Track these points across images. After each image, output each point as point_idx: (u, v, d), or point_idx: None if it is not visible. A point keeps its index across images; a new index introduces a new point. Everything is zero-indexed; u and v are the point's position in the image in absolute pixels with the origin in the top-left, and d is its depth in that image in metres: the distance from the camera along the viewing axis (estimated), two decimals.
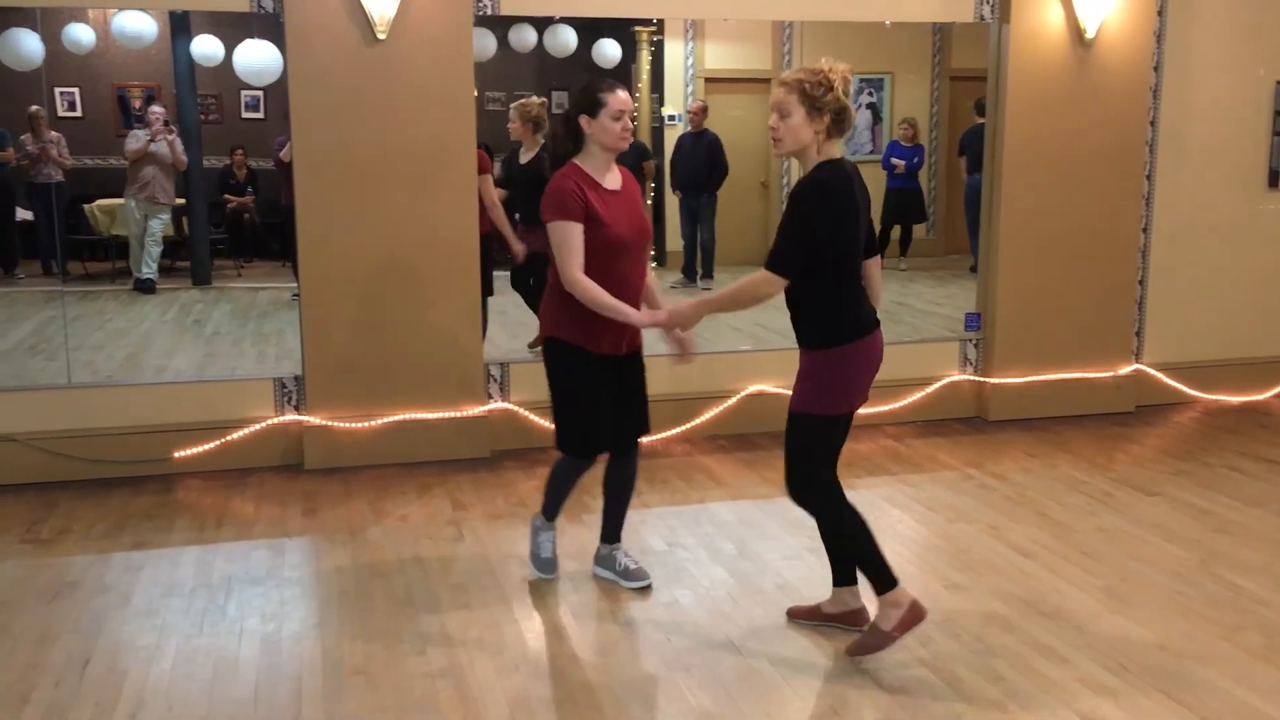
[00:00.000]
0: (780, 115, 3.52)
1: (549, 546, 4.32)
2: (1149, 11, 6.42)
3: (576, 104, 3.92)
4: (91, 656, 3.70)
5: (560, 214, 3.84)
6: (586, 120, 3.88)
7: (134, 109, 11.60)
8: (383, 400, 5.68)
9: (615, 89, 3.90)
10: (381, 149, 5.52)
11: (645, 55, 10.96)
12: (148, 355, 7.60)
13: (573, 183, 3.86)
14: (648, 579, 4.27)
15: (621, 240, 3.89)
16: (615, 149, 3.93)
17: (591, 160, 3.94)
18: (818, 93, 3.46)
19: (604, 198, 3.90)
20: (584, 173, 3.91)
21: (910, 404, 6.50)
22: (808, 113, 3.47)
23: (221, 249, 11.17)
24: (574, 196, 3.83)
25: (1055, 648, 3.73)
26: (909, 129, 10.86)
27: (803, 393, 3.62)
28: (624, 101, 3.89)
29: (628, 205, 3.97)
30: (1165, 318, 6.85)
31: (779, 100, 3.52)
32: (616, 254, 3.89)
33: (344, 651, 3.74)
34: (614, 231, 3.87)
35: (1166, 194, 6.73)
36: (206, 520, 5.00)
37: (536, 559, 4.32)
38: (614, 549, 4.34)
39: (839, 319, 3.57)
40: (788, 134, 3.52)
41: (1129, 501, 5.19)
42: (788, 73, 3.61)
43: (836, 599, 3.89)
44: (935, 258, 11.20)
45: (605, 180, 3.94)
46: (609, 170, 3.97)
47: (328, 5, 5.38)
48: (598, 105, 3.87)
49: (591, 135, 3.90)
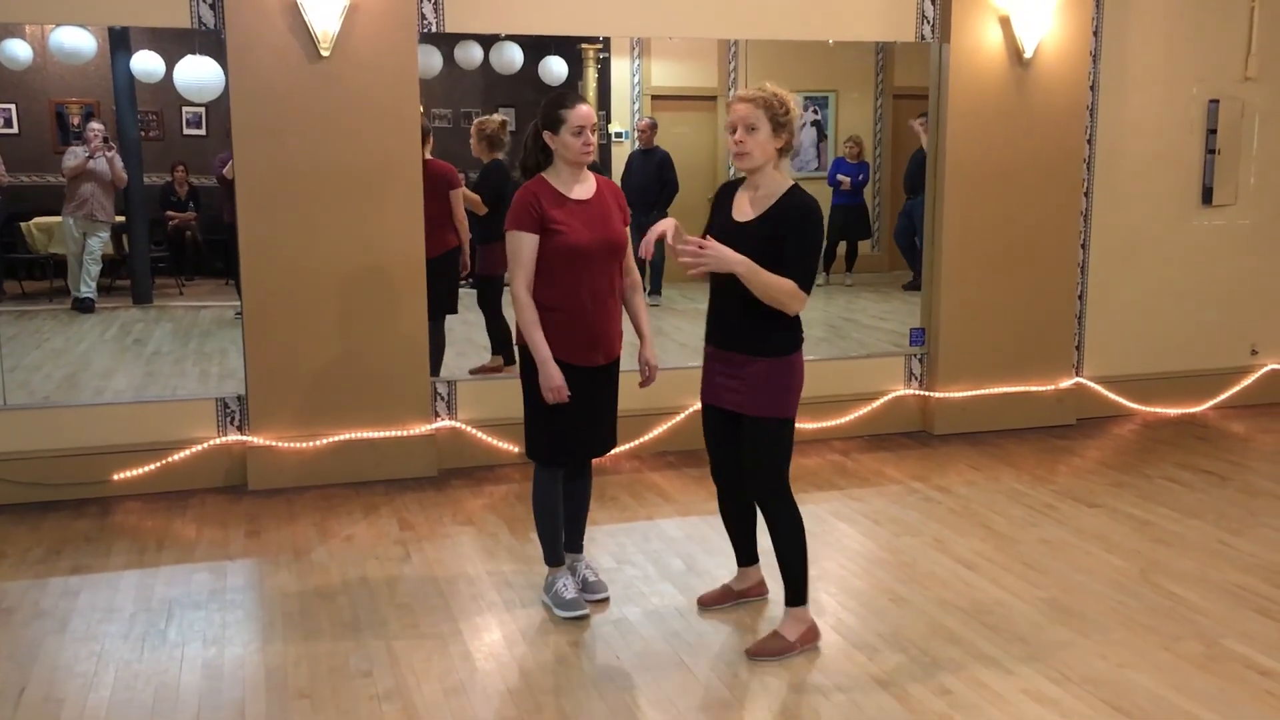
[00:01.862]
0: (747, 129, 3.62)
1: (570, 589, 4.18)
2: (1085, 32, 6.55)
3: (541, 119, 3.96)
4: (27, 684, 3.62)
5: (513, 224, 3.91)
6: (550, 136, 3.93)
7: (72, 126, 11.43)
8: (328, 419, 5.62)
9: (577, 104, 3.93)
10: (325, 166, 5.48)
11: (592, 73, 10.99)
12: (86, 375, 7.46)
13: (530, 194, 3.92)
14: (606, 591, 4.27)
15: (582, 249, 3.90)
16: (578, 163, 3.96)
17: (557, 173, 3.98)
18: (781, 112, 3.63)
19: (567, 207, 3.92)
20: (547, 184, 3.95)
21: (856, 418, 6.55)
22: (772, 129, 3.62)
23: (163, 267, 11.02)
24: (529, 208, 3.89)
25: (999, 659, 3.77)
26: (854, 146, 10.98)
27: (768, 398, 3.72)
28: (585, 116, 3.92)
29: (597, 214, 3.98)
30: (1104, 332, 6.97)
31: (745, 115, 3.62)
32: (579, 263, 3.90)
33: (288, 675, 3.68)
34: (571, 240, 3.88)
35: (1104, 210, 6.86)
36: (147, 543, 4.92)
37: (560, 602, 4.14)
38: (575, 559, 4.32)
39: (795, 327, 3.74)
40: (756, 148, 3.63)
41: (1070, 513, 5.27)
42: (748, 90, 3.69)
43: (743, 576, 4.20)
44: (880, 273, 11.32)
45: (572, 191, 3.97)
46: (578, 181, 4.00)
47: (270, 21, 5.34)
48: (559, 121, 3.91)
49: (555, 150, 3.95)
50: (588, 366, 3.99)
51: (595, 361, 4.00)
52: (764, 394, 3.71)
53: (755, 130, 3.62)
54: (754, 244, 3.61)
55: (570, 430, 4.02)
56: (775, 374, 3.70)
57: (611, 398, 4.15)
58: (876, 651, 3.83)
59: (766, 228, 3.63)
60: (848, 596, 4.32)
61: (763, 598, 4.24)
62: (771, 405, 3.72)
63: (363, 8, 5.42)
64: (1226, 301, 7.20)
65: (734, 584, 4.21)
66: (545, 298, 3.93)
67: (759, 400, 3.71)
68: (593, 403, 4.04)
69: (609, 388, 4.12)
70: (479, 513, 5.26)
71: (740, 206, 3.75)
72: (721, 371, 3.81)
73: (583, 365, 3.97)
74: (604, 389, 4.09)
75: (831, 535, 5.00)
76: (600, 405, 4.09)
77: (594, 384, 4.03)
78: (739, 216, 3.74)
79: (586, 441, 4.11)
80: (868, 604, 4.25)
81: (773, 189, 3.68)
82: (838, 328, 9.06)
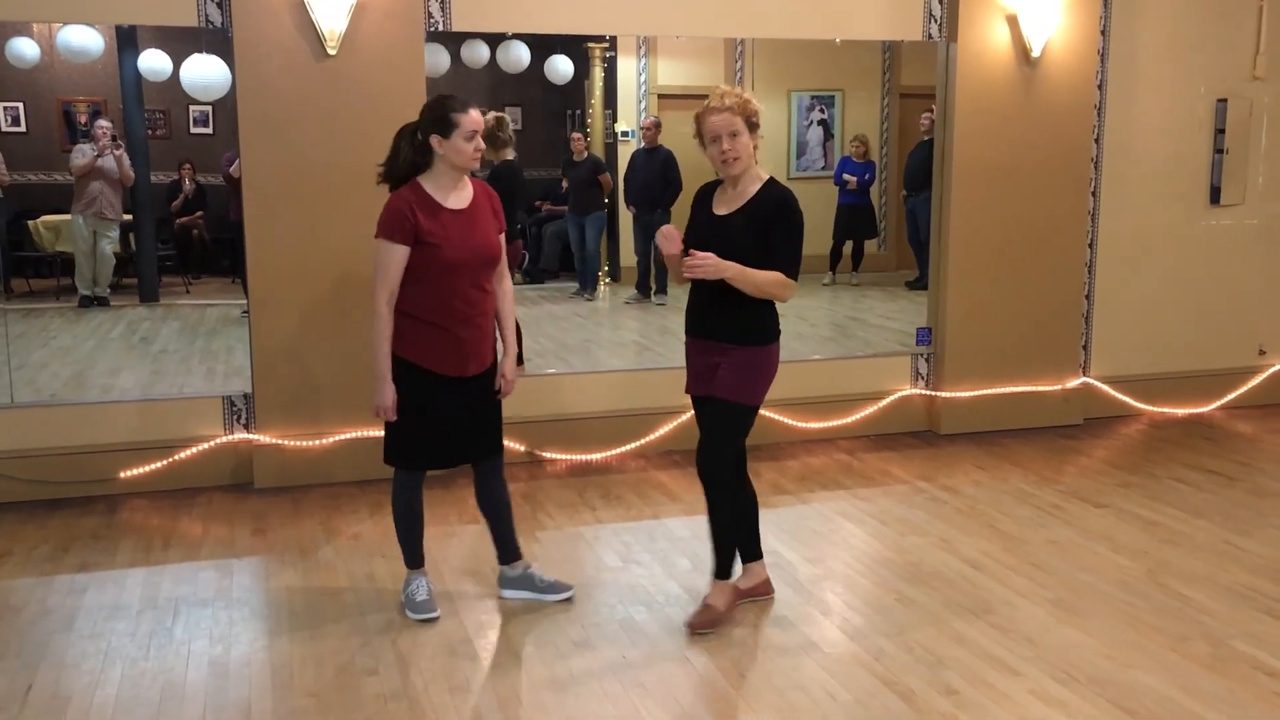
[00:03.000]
0: (732, 136, 3.75)
1: (423, 589, 4.15)
2: (1093, 31, 6.54)
3: (427, 123, 3.85)
4: (34, 682, 3.62)
5: (384, 234, 3.81)
6: (438, 140, 3.83)
7: (80, 124, 11.44)
8: (334, 418, 5.62)
9: (468, 108, 3.85)
10: (332, 165, 5.48)
11: (598, 71, 10.99)
12: (93, 374, 7.47)
13: (405, 204, 3.82)
14: (570, 589, 4.25)
15: (455, 261, 3.83)
16: (466, 169, 3.90)
17: (436, 179, 3.88)
18: (752, 113, 3.78)
19: (441, 218, 3.84)
20: (423, 192, 3.86)
21: (862, 418, 6.54)
22: (749, 131, 3.78)
23: (170, 265, 11.03)
24: (403, 218, 3.80)
25: (1006, 659, 3.76)
26: (860, 146, 10.98)
27: (739, 385, 3.84)
28: (477, 121, 3.85)
29: (471, 224, 3.90)
30: (1111, 332, 6.95)
31: (727, 122, 3.74)
32: (452, 273, 3.84)
33: (294, 673, 3.69)
34: (445, 252, 3.82)
35: (1111, 210, 6.85)
36: (153, 541, 4.92)
37: (412, 605, 4.11)
38: (527, 569, 4.27)
39: (774, 317, 3.91)
40: (743, 151, 3.77)
41: (1077, 513, 5.26)
42: (721, 99, 3.77)
43: (750, 572, 4.21)
44: (886, 273, 11.32)
45: (449, 200, 3.89)
46: (456, 189, 3.91)
47: (277, 20, 5.34)
48: (450, 125, 3.81)
49: (443, 155, 3.84)
50: (459, 376, 3.93)
51: (467, 371, 3.94)
52: (734, 378, 3.84)
53: (737, 136, 3.75)
54: (736, 236, 3.76)
55: (430, 437, 3.96)
56: (751, 362, 3.84)
57: (488, 404, 4.07)
58: (883, 651, 3.82)
59: (747, 220, 3.78)
60: (854, 596, 4.32)
61: (769, 597, 4.24)
62: (739, 391, 3.84)
63: (370, 6, 5.42)
64: (1234, 301, 7.18)
65: (740, 583, 4.22)
66: (416, 308, 3.86)
67: (728, 383, 3.84)
68: (465, 412, 3.98)
69: (484, 395, 4.03)
70: None
71: (720, 203, 3.89)
72: (703, 361, 3.93)
73: (454, 375, 3.92)
74: (478, 397, 4.01)
75: (838, 535, 4.99)
76: (475, 413, 4.02)
77: (466, 393, 3.96)
78: (719, 211, 3.87)
79: (449, 447, 4.03)
80: (874, 604, 4.25)
81: (750, 184, 3.84)
82: (844, 327, 9.06)
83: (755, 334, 3.86)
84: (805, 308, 9.46)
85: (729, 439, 3.93)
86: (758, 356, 3.86)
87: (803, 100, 11.56)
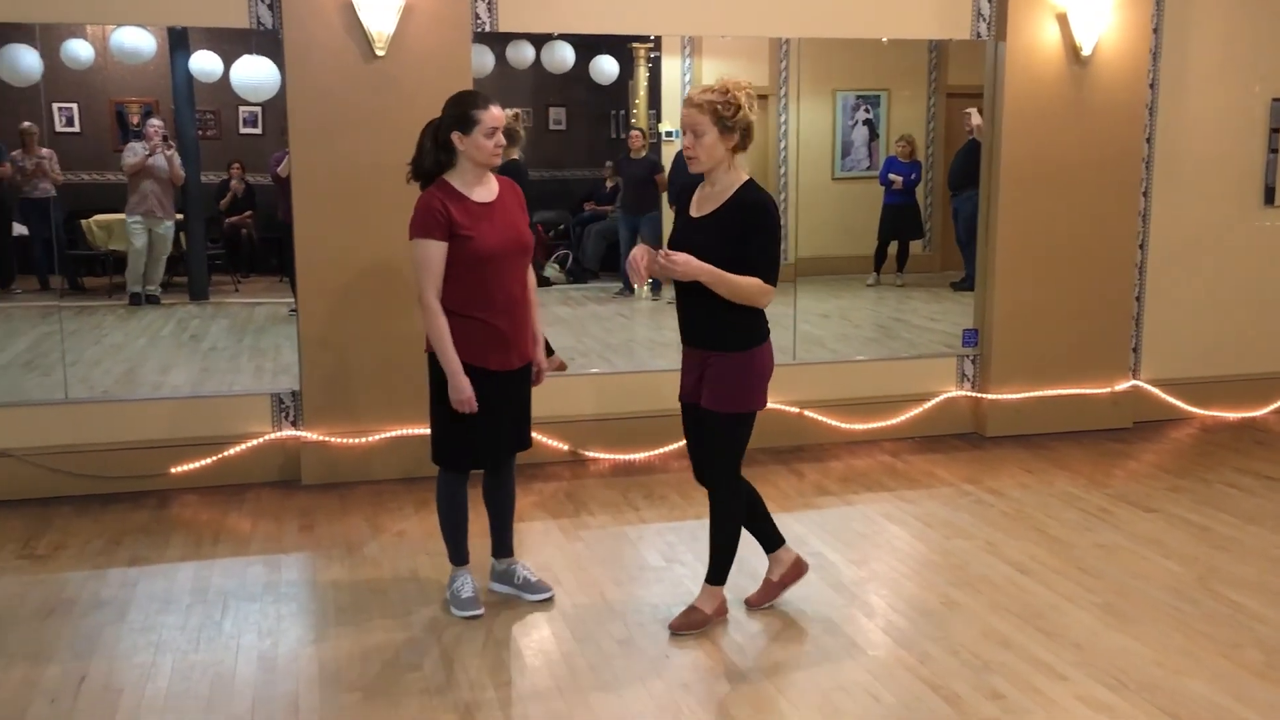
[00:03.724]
0: (695, 135, 3.72)
1: (469, 587, 4.18)
2: (1145, 29, 6.45)
3: (449, 120, 3.90)
4: (87, 674, 3.69)
5: (420, 232, 3.84)
6: (459, 137, 3.87)
7: (132, 125, 11.61)
8: (380, 415, 5.67)
9: (489, 105, 3.89)
10: (379, 164, 5.52)
11: (643, 71, 10.99)
12: (144, 370, 7.58)
13: (437, 200, 3.85)
14: (550, 591, 4.26)
15: (490, 253, 3.87)
16: (488, 165, 3.93)
17: (461, 176, 3.92)
18: (729, 112, 3.68)
19: (472, 212, 3.88)
20: (451, 188, 3.90)
21: (907, 420, 6.50)
22: (720, 132, 3.69)
23: (219, 264, 11.17)
24: (435, 214, 3.83)
25: (1053, 664, 3.72)
26: (906, 145, 10.89)
27: (729, 393, 3.82)
28: (497, 118, 3.89)
29: (501, 217, 3.94)
30: (1162, 334, 6.86)
31: (693, 122, 3.72)
32: (487, 267, 3.88)
33: (341, 668, 3.73)
34: (481, 245, 3.86)
35: (1163, 210, 6.75)
36: (203, 536, 4.99)
37: (457, 601, 4.15)
38: (511, 563, 4.32)
39: (759, 322, 3.85)
40: (703, 152, 3.72)
41: (1126, 518, 5.19)
42: (696, 93, 3.76)
43: (777, 561, 4.20)
44: (932, 273, 11.22)
45: (475, 194, 3.92)
46: (481, 183, 3.95)
47: (327, 22, 5.40)
48: (471, 122, 3.85)
49: (464, 151, 3.88)
50: (502, 371, 3.96)
51: (510, 365, 3.98)
52: (723, 388, 3.81)
53: (702, 135, 3.70)
54: (709, 238, 3.74)
55: (481, 435, 3.98)
56: (737, 369, 3.80)
57: (525, 399, 4.12)
58: (928, 655, 3.80)
59: (720, 223, 3.74)
60: (898, 599, 4.29)
61: (804, 574, 4.24)
62: (731, 400, 3.82)
63: (418, 8, 5.47)
64: None
65: (771, 575, 4.21)
66: (456, 304, 3.89)
67: (719, 394, 3.81)
68: (507, 406, 4.01)
69: (523, 389, 4.09)
70: (528, 510, 5.28)
71: (698, 204, 3.86)
72: (691, 368, 3.93)
73: (497, 370, 3.94)
74: (518, 391, 4.06)
75: (882, 537, 4.97)
76: (515, 407, 4.06)
77: (509, 387, 4.00)
78: (696, 213, 3.85)
79: (498, 445, 4.07)
80: (919, 607, 4.22)
81: (726, 186, 3.78)
82: (888, 328, 9.00)
83: (737, 339, 3.80)
84: (849, 308, 9.42)
85: (727, 451, 3.91)
86: (743, 362, 3.81)
87: (848, 100, 11.48)
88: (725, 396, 3.81)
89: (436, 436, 4.06)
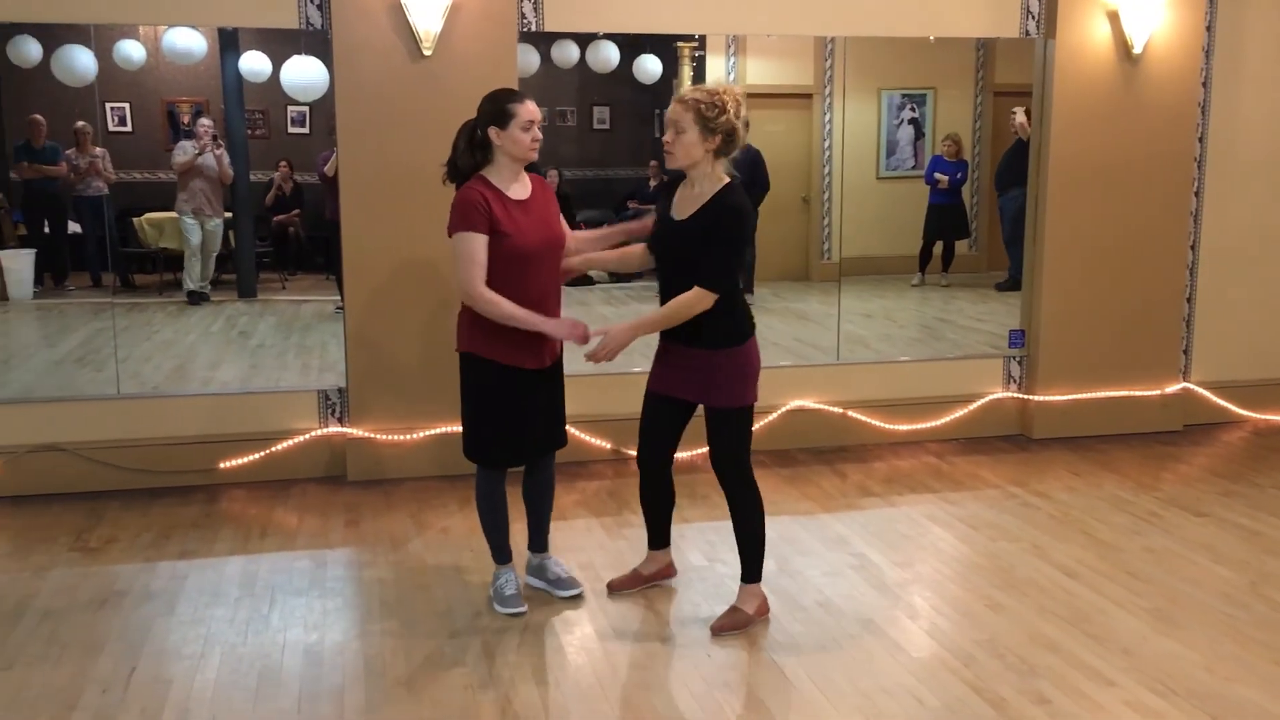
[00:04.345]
0: (676, 131, 3.74)
1: (511, 584, 4.22)
2: (1198, 26, 6.36)
3: (485, 116, 3.92)
4: (138, 665, 3.75)
5: (464, 226, 3.85)
6: (496, 132, 3.89)
7: (182, 124, 11.76)
8: (425, 413, 5.71)
9: (524, 99, 3.92)
10: (426, 163, 5.51)
11: (687, 71, 10.96)
12: (194, 366, 7.69)
13: (477, 194, 3.87)
14: (579, 588, 4.30)
15: (528, 249, 3.90)
16: (525, 159, 3.95)
17: (499, 171, 3.95)
18: (711, 114, 3.72)
19: (510, 208, 3.90)
20: (489, 184, 3.92)
21: (952, 421, 6.45)
22: (701, 131, 3.73)
23: (267, 262, 11.30)
24: (478, 208, 3.84)
25: (1101, 669, 3.68)
26: (952, 145, 10.80)
27: (724, 389, 3.87)
28: (533, 112, 3.91)
29: (537, 213, 3.97)
30: (1214, 335, 6.75)
31: (676, 117, 3.76)
32: (525, 263, 3.90)
33: (386, 663, 3.76)
34: (519, 241, 3.87)
35: (1215, 210, 6.65)
36: (251, 530, 5.05)
37: (500, 599, 4.18)
38: (544, 558, 4.37)
39: (740, 318, 3.87)
40: (680, 149, 3.76)
41: (1176, 522, 5.12)
42: (686, 91, 3.83)
43: (653, 559, 4.32)
44: (978, 273, 11.11)
45: (512, 190, 3.95)
46: (516, 180, 3.98)
47: (375, 22, 5.44)
48: (507, 116, 3.88)
49: (501, 146, 3.90)
50: (535, 369, 3.98)
51: (543, 363, 4.00)
52: (718, 385, 3.86)
53: (682, 133, 3.73)
54: (687, 242, 3.77)
55: (513, 432, 4.01)
56: (726, 365, 3.84)
57: (558, 396, 4.15)
58: (972, 658, 3.77)
59: (701, 225, 3.76)
60: (943, 602, 4.26)
61: (670, 580, 4.36)
62: (729, 395, 3.86)
63: (464, 7, 5.50)
64: None
65: (643, 568, 4.33)
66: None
67: (715, 392, 3.86)
68: (539, 403, 4.04)
69: (555, 386, 4.13)
70: (571, 508, 5.30)
71: (678, 205, 3.87)
72: (672, 363, 3.95)
73: (530, 368, 3.97)
74: (550, 388, 4.09)
75: (926, 539, 4.93)
76: (548, 404, 4.09)
77: (542, 384, 4.03)
78: (677, 215, 3.86)
79: (532, 441, 4.09)
80: (964, 610, 4.19)
81: (707, 188, 3.80)
82: (934, 329, 8.92)
83: (720, 336, 3.83)
84: (893, 309, 9.36)
85: (733, 444, 3.93)
86: (732, 358, 3.85)
87: (893, 99, 11.39)
88: (725, 393, 3.86)
89: (469, 434, 4.09)
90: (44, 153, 9.58)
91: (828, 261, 9.68)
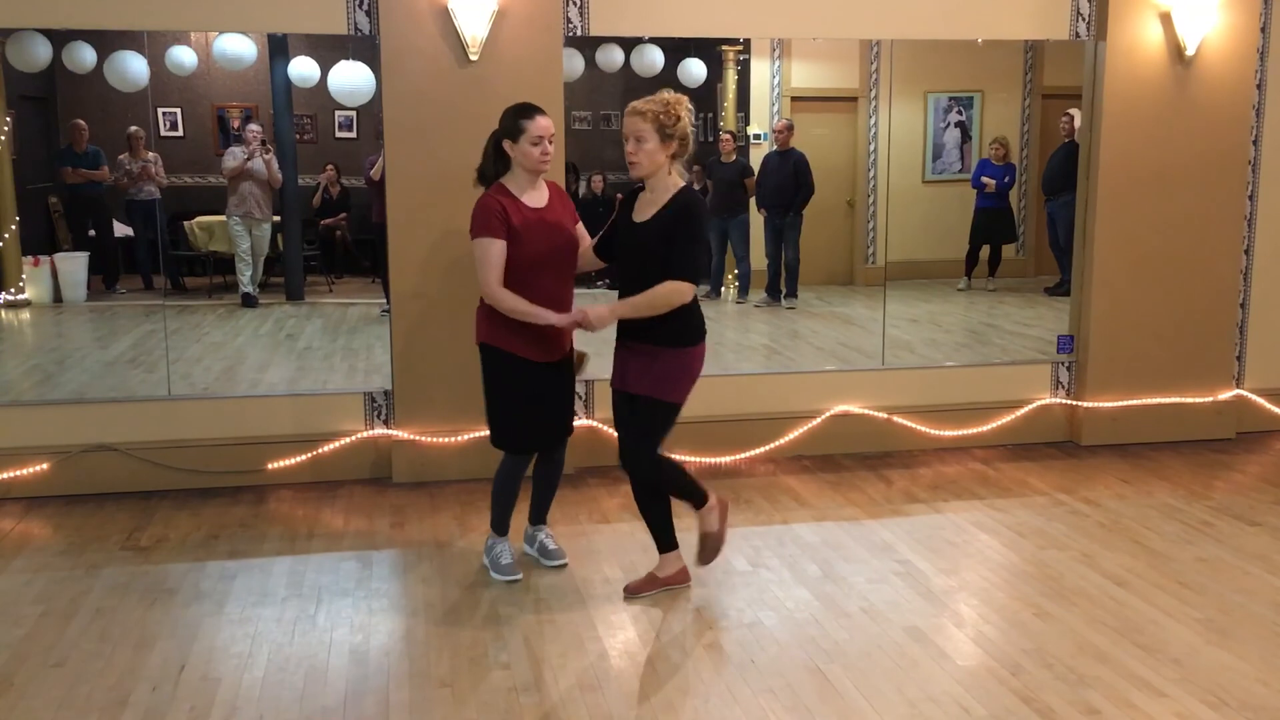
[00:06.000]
0: (637, 141, 3.98)
1: (507, 554, 4.53)
2: (1252, 28, 6.25)
3: (501, 129, 4.23)
4: (187, 662, 3.80)
5: (483, 231, 4.15)
6: (509, 145, 4.20)
7: (233, 129, 11.92)
8: (470, 416, 5.73)
9: (536, 115, 4.19)
10: (471, 168, 5.51)
11: (731, 74, 10.95)
12: (243, 369, 7.78)
13: (495, 202, 4.17)
14: (564, 559, 4.60)
15: (541, 256, 4.19)
16: (536, 171, 4.23)
17: (516, 180, 4.25)
18: (670, 122, 3.98)
19: (525, 215, 4.19)
20: (507, 191, 4.22)
21: (999, 427, 6.38)
22: (661, 140, 3.98)
23: (314, 265, 11.42)
24: (496, 215, 4.14)
25: (1151, 680, 3.63)
26: (1000, 148, 10.70)
27: (660, 382, 4.06)
28: (544, 127, 4.18)
29: (551, 222, 4.25)
30: (1268, 342, 6.64)
31: (636, 129, 3.98)
32: (538, 269, 4.19)
33: (430, 664, 3.78)
34: (533, 248, 4.17)
35: (1270, 214, 6.54)
36: (298, 531, 5.10)
37: (497, 566, 4.50)
38: (538, 529, 4.70)
39: (695, 321, 4.09)
40: (645, 158, 4.00)
41: (1229, 531, 5.03)
42: (639, 103, 4.03)
43: (665, 564, 4.37)
44: (1025, 278, 11.00)
45: (528, 198, 4.23)
46: (533, 188, 4.27)
47: (422, 28, 5.48)
48: (519, 131, 4.18)
49: (514, 158, 4.21)
50: (545, 362, 4.27)
51: (552, 357, 4.29)
52: (654, 375, 4.05)
53: (644, 142, 3.97)
54: (648, 241, 4.01)
55: (534, 419, 4.33)
56: (670, 361, 4.05)
57: (567, 388, 4.42)
58: (1020, 668, 3.73)
59: (661, 224, 3.99)
60: (990, 610, 4.22)
61: (685, 585, 4.39)
62: (659, 387, 4.06)
63: (511, 12, 5.53)
64: None
65: (658, 571, 4.38)
66: None
67: (648, 381, 4.06)
68: (550, 394, 4.34)
69: (564, 379, 4.40)
70: (614, 511, 5.31)
71: (639, 209, 4.11)
72: (627, 359, 4.14)
73: (540, 361, 4.25)
74: (560, 381, 4.37)
75: (972, 546, 4.88)
76: (558, 396, 4.39)
77: (551, 377, 4.33)
78: (637, 218, 4.09)
79: (549, 428, 4.41)
80: (1011, 618, 4.14)
81: (664, 191, 4.04)
82: (979, 333, 8.84)
83: (673, 335, 4.03)
84: (939, 313, 9.28)
85: (648, 434, 4.12)
86: (678, 357, 4.06)
87: (940, 102, 11.31)
88: (656, 384, 4.05)
89: (495, 423, 4.39)
90: (86, 157, 9.74)
91: (873, 266, 9.62)
